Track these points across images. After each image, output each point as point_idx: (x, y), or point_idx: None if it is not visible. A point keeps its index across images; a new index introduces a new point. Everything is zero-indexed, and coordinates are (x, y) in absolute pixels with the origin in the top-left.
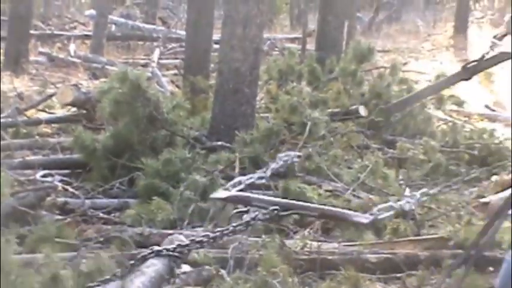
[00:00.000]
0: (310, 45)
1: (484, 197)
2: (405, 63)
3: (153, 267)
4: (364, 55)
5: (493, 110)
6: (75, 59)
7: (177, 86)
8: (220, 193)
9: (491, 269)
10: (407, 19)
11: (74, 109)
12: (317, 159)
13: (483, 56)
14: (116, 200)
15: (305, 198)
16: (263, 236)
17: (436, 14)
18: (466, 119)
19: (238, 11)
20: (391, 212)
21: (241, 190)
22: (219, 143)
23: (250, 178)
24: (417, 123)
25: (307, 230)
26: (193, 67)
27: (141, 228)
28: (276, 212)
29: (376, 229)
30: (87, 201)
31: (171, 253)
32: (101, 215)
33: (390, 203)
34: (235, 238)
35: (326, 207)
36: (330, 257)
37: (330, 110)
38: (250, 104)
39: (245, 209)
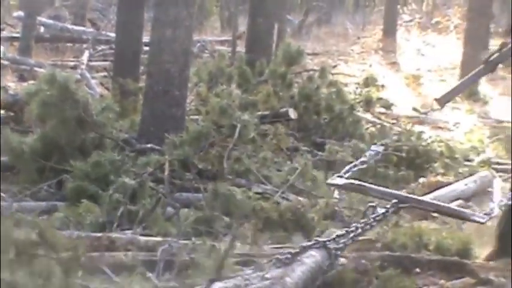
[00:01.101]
0: (241, 48)
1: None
2: (335, 66)
3: (312, 258)
4: (293, 58)
5: (421, 113)
6: (3, 61)
7: (107, 88)
8: (337, 180)
9: (417, 270)
10: (337, 22)
11: (2, 111)
12: (246, 162)
13: (501, 47)
14: (44, 203)
15: (234, 201)
16: (193, 239)
17: (365, 17)
18: (395, 121)
19: (167, 13)
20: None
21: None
22: (149, 145)
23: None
24: (346, 125)
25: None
26: (122, 69)
27: (69, 231)
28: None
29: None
30: (15, 204)
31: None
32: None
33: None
34: (165, 240)
35: (442, 204)
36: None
37: (259, 113)
38: (180, 106)
39: None
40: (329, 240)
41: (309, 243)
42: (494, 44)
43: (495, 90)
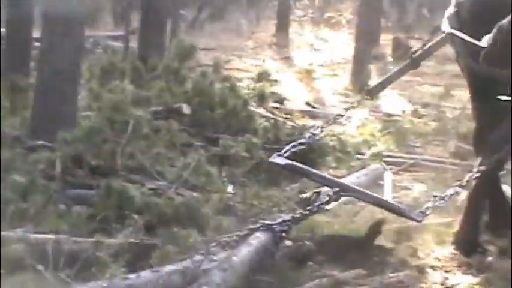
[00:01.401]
0: (133, 43)
1: (304, 192)
2: (228, 61)
3: (259, 239)
4: (186, 53)
5: (314, 107)
6: None
7: None
8: (278, 159)
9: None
10: (231, 17)
11: None
12: (140, 158)
13: (424, 44)
14: None
15: (127, 197)
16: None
17: (258, 12)
18: (288, 116)
19: (58, 8)
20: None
21: None
22: (40, 142)
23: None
24: (240, 120)
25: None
26: (12, 65)
27: None
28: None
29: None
30: None
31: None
32: None
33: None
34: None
35: (384, 198)
36: None
37: (153, 108)
38: (72, 102)
39: None
40: (275, 224)
41: (256, 226)
42: (385, 39)
43: None
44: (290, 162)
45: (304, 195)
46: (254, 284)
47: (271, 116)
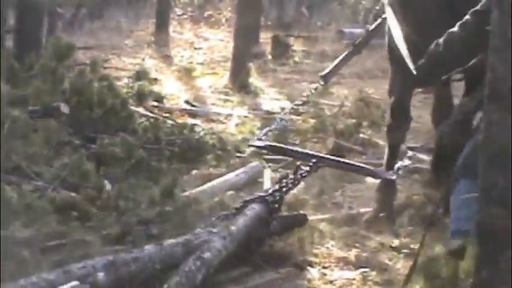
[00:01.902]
0: (9, 42)
1: (185, 190)
2: (107, 60)
3: (253, 210)
4: (63, 52)
5: (194, 106)
6: None
7: None
8: (257, 142)
9: None
10: (110, 16)
11: None
12: (16, 158)
13: (367, 29)
14: None
15: (4, 198)
16: None
17: (138, 11)
18: (168, 114)
19: None
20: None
21: None
22: None
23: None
24: (119, 119)
25: None
26: None
27: None
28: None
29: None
30: None
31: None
32: None
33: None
34: None
35: (356, 163)
36: None
37: (30, 108)
38: None
39: None
40: (267, 195)
41: (251, 197)
42: (265, 37)
43: (265, 82)
44: (268, 143)
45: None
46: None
47: (150, 115)
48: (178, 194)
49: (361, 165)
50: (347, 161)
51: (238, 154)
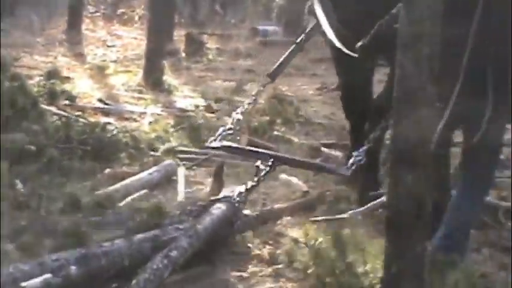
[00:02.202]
0: None
1: (97, 190)
2: (18, 59)
3: (219, 209)
4: None
5: (107, 104)
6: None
7: None
8: (214, 143)
9: None
10: (22, 14)
11: None
12: None
13: (305, 28)
14: None
15: None
16: None
17: (50, 8)
18: (80, 113)
19: None
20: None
21: None
22: None
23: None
24: (30, 119)
25: None
26: None
27: None
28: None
29: None
30: None
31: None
32: None
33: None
34: None
35: (312, 161)
36: None
37: None
38: None
39: None
40: (231, 196)
41: (217, 197)
42: (178, 34)
43: (179, 80)
44: (224, 143)
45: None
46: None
47: (62, 113)
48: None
49: (315, 162)
50: (302, 159)
51: (152, 152)
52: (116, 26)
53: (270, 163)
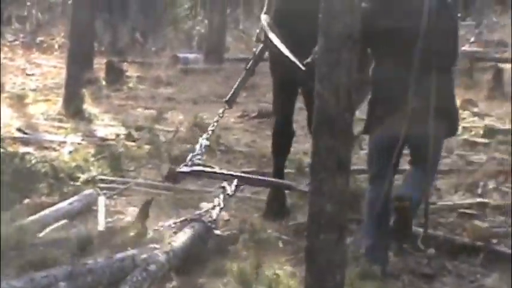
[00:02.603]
0: None
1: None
2: None
3: (192, 228)
4: None
5: (26, 133)
6: None
7: None
8: (184, 168)
9: None
10: None
11: None
12: None
13: (255, 52)
14: None
15: None
16: None
17: None
18: None
19: None
20: None
21: None
22: None
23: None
24: None
25: None
26: None
27: None
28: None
29: None
30: None
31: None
32: None
33: None
34: None
35: (274, 180)
36: None
37: None
38: None
39: None
40: (203, 215)
41: (189, 216)
42: (98, 62)
43: (99, 109)
44: (194, 168)
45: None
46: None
47: None
48: None
49: (281, 181)
50: (267, 178)
51: (72, 182)
52: (35, 54)
53: (236, 183)
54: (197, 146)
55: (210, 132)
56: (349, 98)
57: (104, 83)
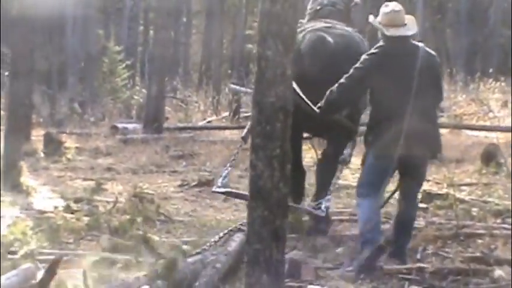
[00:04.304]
0: None
1: None
2: None
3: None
4: None
5: None
6: None
7: None
8: (220, 189)
9: None
10: None
11: None
12: None
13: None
14: None
15: None
16: None
17: None
18: None
19: None
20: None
21: None
22: None
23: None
24: None
25: None
26: None
27: None
28: None
29: None
30: None
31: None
32: None
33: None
34: None
35: (298, 206)
36: None
37: None
38: None
39: None
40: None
41: (235, 227)
42: (36, 134)
43: (37, 181)
44: (228, 189)
45: None
46: None
47: None
48: None
49: (301, 206)
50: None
51: (10, 256)
52: None
53: None
54: (224, 172)
55: (232, 161)
56: (283, 169)
57: (42, 154)
